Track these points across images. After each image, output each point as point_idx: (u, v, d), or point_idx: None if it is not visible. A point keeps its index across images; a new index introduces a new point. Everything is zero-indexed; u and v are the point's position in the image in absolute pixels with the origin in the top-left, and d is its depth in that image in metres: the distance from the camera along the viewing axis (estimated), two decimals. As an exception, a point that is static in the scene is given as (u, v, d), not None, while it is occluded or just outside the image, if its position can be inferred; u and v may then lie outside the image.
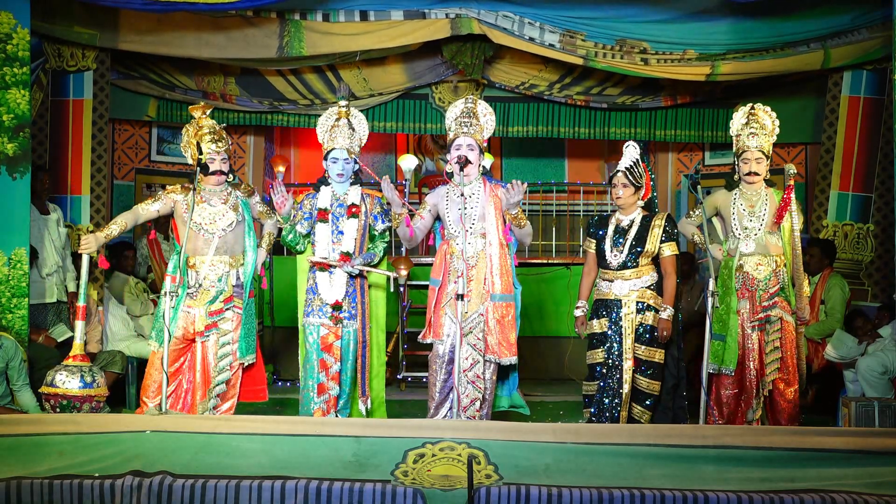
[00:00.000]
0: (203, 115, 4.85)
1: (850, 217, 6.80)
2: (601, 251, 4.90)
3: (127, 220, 4.79)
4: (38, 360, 5.39)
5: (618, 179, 4.87)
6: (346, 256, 4.80)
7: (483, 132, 4.87)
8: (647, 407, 4.82)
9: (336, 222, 4.85)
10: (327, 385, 4.76)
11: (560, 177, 9.91)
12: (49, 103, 6.47)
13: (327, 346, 4.77)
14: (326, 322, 4.77)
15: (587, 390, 4.94)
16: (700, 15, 6.35)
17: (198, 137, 4.80)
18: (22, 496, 3.57)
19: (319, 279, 4.80)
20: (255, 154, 8.49)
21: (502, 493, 3.54)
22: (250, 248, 4.87)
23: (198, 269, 4.72)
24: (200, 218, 4.75)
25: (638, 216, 4.89)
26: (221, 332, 4.75)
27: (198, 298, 4.71)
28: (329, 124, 4.96)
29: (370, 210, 4.94)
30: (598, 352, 4.87)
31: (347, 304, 4.80)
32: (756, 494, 3.53)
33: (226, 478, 3.60)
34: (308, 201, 4.93)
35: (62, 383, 4.58)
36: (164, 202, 4.81)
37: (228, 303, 4.76)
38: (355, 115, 5.03)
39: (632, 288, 4.81)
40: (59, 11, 6.20)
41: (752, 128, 4.94)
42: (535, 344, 7.97)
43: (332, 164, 4.88)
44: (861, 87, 6.82)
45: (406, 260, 7.47)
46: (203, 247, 4.74)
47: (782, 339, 4.90)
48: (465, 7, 6.40)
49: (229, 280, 4.78)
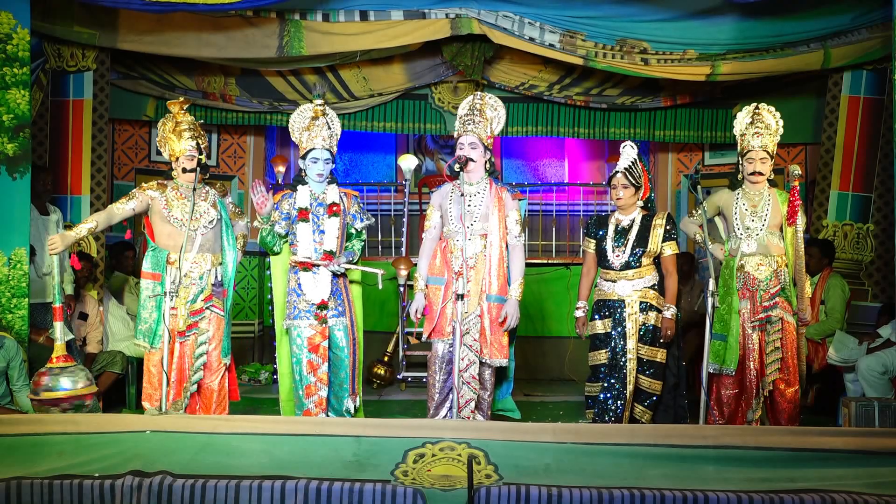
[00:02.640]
0: (181, 111, 4.82)
1: (850, 217, 6.80)
2: (602, 251, 4.90)
3: (99, 220, 4.72)
4: (38, 360, 5.39)
5: (617, 180, 4.87)
6: (329, 255, 4.80)
7: (489, 128, 4.86)
8: (649, 406, 4.82)
9: (317, 221, 4.84)
10: (316, 386, 4.75)
11: (560, 177, 9.90)
12: (49, 103, 6.47)
13: (314, 346, 4.76)
14: (313, 322, 4.76)
15: (590, 391, 4.93)
16: (700, 15, 6.35)
17: (175, 133, 4.77)
18: (22, 496, 3.57)
19: (304, 279, 4.77)
20: (255, 154, 8.49)
21: (502, 493, 3.54)
22: (229, 247, 4.85)
23: (179, 265, 4.68)
24: (181, 214, 4.71)
25: (638, 216, 4.89)
26: (200, 332, 4.73)
27: (178, 298, 4.65)
28: (304, 124, 4.92)
29: (348, 209, 4.93)
30: (602, 352, 4.86)
31: (334, 303, 4.80)
32: (756, 494, 3.52)
33: (226, 478, 3.60)
34: (286, 201, 4.89)
35: (48, 389, 4.43)
36: (140, 199, 4.75)
37: (208, 301, 4.75)
38: (329, 114, 4.98)
39: (634, 288, 4.81)
40: (58, 11, 6.19)
41: (756, 127, 4.94)
42: (535, 344, 7.98)
43: (311, 164, 4.85)
44: (861, 87, 6.82)
45: (406, 260, 7.47)
46: (185, 243, 4.69)
47: (783, 339, 4.90)
48: (465, 7, 6.40)
49: (209, 279, 4.77)
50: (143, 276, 4.75)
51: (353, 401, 4.87)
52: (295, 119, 4.99)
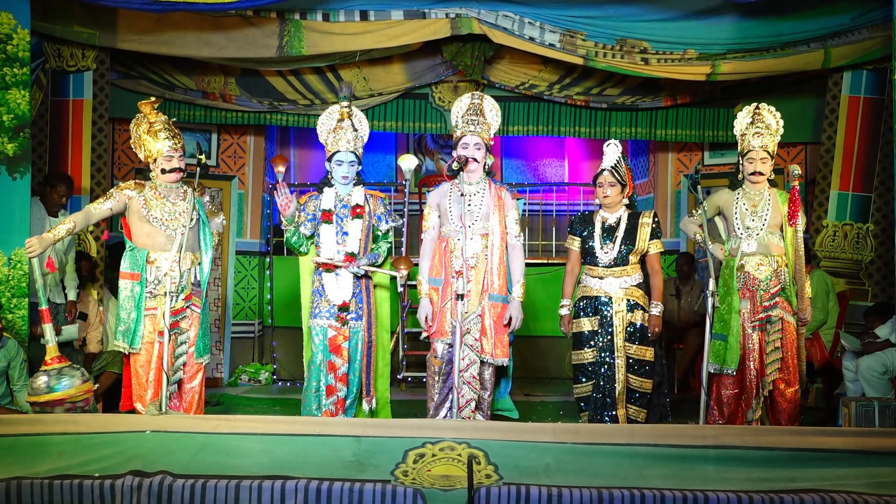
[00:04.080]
0: (153, 111, 4.80)
1: (850, 217, 6.79)
2: (589, 249, 4.91)
3: (77, 221, 4.68)
4: (38, 361, 5.39)
5: (604, 179, 4.89)
6: (350, 257, 4.81)
7: (490, 130, 4.87)
8: (642, 405, 4.84)
9: (340, 223, 4.86)
10: (336, 386, 4.76)
11: (560, 177, 9.91)
12: (49, 103, 6.47)
13: (335, 347, 4.77)
14: (334, 323, 4.78)
15: (580, 392, 4.92)
16: (701, 14, 6.35)
17: (150, 134, 4.76)
18: (22, 496, 3.57)
19: (326, 280, 4.81)
20: (255, 154, 8.48)
21: (502, 493, 3.54)
22: (207, 247, 4.85)
23: (158, 265, 4.67)
24: (161, 214, 4.70)
25: (624, 214, 4.93)
26: (181, 331, 4.71)
27: (158, 298, 4.64)
28: (331, 126, 4.95)
29: (373, 210, 4.94)
30: (588, 351, 4.87)
31: (354, 305, 4.82)
32: (756, 494, 3.52)
33: (226, 478, 3.60)
34: (311, 203, 4.93)
35: (45, 390, 4.42)
36: (117, 199, 4.72)
37: (188, 301, 4.74)
38: (356, 115, 5.02)
39: (622, 286, 4.84)
40: (58, 11, 6.19)
41: (757, 127, 4.95)
42: (534, 344, 7.99)
43: (337, 167, 4.89)
44: (861, 87, 6.81)
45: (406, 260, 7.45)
46: (165, 243, 4.69)
47: (783, 339, 4.90)
48: (465, 7, 6.40)
49: (189, 278, 4.75)
50: (122, 277, 4.71)
51: (368, 402, 4.88)
52: (322, 121, 5.02)
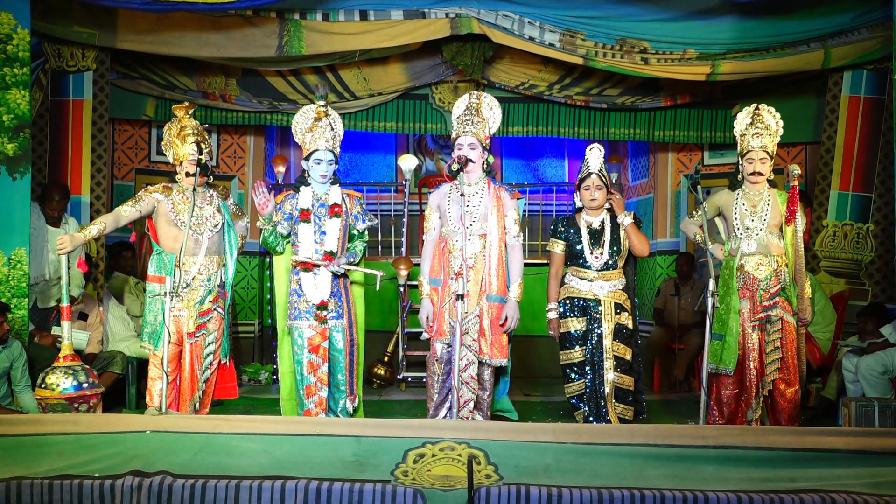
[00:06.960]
0: (186, 115, 4.84)
1: (850, 217, 6.80)
2: (577, 252, 4.94)
3: (107, 222, 4.75)
4: (38, 361, 5.39)
5: (592, 182, 4.92)
6: (329, 256, 4.81)
7: (487, 128, 4.86)
8: (629, 403, 4.88)
9: (318, 222, 4.85)
10: (316, 386, 4.76)
11: (560, 177, 9.91)
12: (49, 103, 6.47)
13: (314, 347, 4.77)
14: (313, 323, 4.78)
15: (572, 391, 4.94)
16: (701, 14, 6.35)
17: (179, 138, 4.80)
18: (22, 496, 3.57)
19: (304, 280, 4.80)
20: (255, 154, 8.49)
21: (502, 493, 3.54)
22: (231, 250, 4.89)
23: (187, 268, 4.73)
24: (188, 217, 4.74)
25: (606, 217, 4.98)
26: (208, 332, 4.79)
27: (185, 300, 4.72)
28: (307, 125, 4.93)
29: (350, 210, 4.94)
30: (577, 351, 4.90)
31: (334, 304, 4.81)
32: (756, 494, 3.53)
33: (226, 478, 3.60)
34: (288, 202, 4.91)
35: (56, 386, 4.49)
36: (146, 202, 4.79)
37: (215, 303, 4.81)
38: (332, 115, 4.99)
39: (610, 289, 4.87)
40: (58, 11, 6.19)
41: (756, 128, 4.95)
42: (533, 343, 7.98)
43: (315, 165, 4.86)
44: (861, 87, 6.82)
45: (406, 260, 7.47)
46: (192, 247, 4.75)
47: (783, 339, 4.90)
48: (464, 6, 6.39)
49: (216, 280, 4.82)
50: (149, 280, 4.79)
51: (351, 402, 4.88)
52: (298, 120, 4.99)
